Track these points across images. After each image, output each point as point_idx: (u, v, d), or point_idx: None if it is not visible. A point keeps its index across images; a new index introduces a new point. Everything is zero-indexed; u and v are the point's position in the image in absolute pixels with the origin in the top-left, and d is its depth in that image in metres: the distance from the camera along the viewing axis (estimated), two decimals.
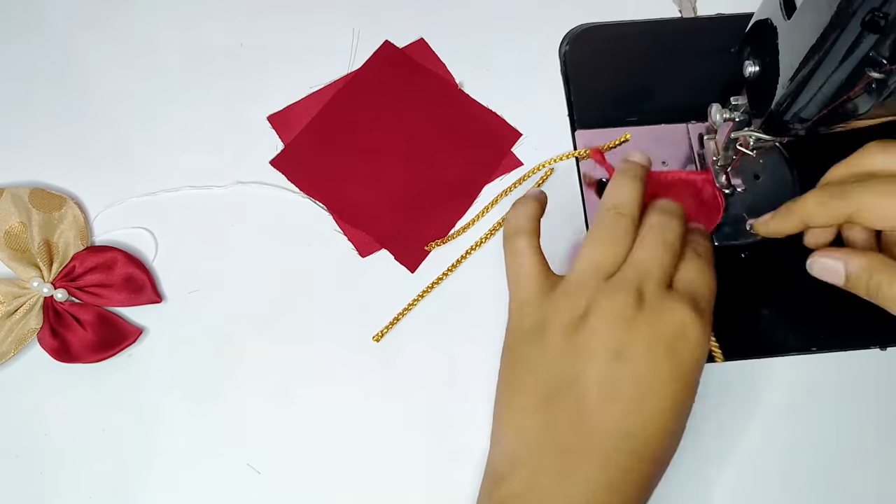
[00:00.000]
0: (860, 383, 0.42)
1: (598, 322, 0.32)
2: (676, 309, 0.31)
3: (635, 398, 0.31)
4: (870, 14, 0.28)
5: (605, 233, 0.34)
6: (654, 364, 0.31)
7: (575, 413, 0.31)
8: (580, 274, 0.34)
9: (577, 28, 0.49)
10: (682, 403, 0.31)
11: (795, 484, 0.40)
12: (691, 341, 0.31)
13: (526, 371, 0.33)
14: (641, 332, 0.31)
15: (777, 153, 0.45)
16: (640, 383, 0.31)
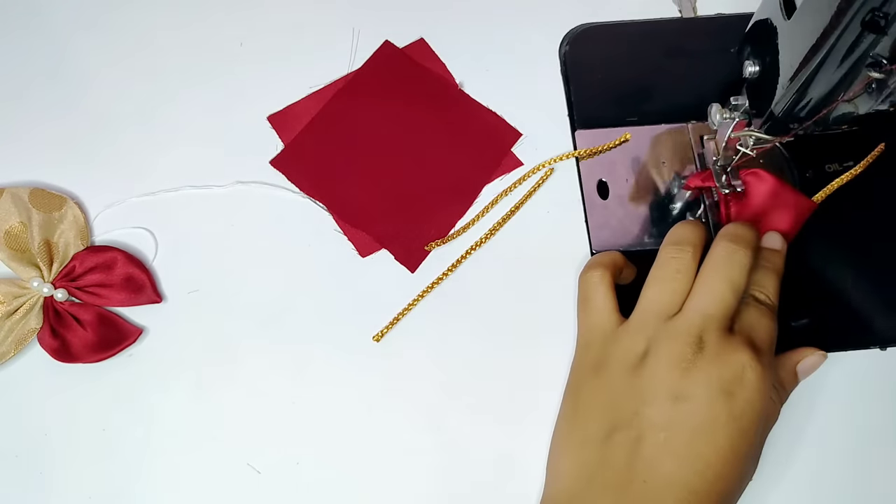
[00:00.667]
0: (860, 383, 0.42)
1: (658, 365, 0.32)
2: (736, 354, 0.32)
3: (691, 442, 0.31)
4: (870, 14, 0.28)
5: (665, 272, 0.35)
6: (711, 408, 0.31)
7: (632, 453, 0.31)
8: (642, 313, 0.34)
9: (577, 28, 0.49)
10: (739, 448, 0.31)
11: (795, 484, 0.40)
12: (749, 386, 0.31)
13: (585, 406, 0.34)
14: (699, 377, 0.31)
15: (777, 153, 0.45)
16: (697, 427, 0.31)
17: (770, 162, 0.45)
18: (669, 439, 0.31)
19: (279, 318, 0.43)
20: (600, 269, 0.37)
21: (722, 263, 0.34)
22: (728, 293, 0.33)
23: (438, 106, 0.47)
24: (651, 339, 0.33)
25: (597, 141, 0.46)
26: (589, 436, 0.33)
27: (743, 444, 0.31)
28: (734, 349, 0.32)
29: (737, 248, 0.34)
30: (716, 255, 0.35)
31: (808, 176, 0.45)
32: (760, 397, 0.32)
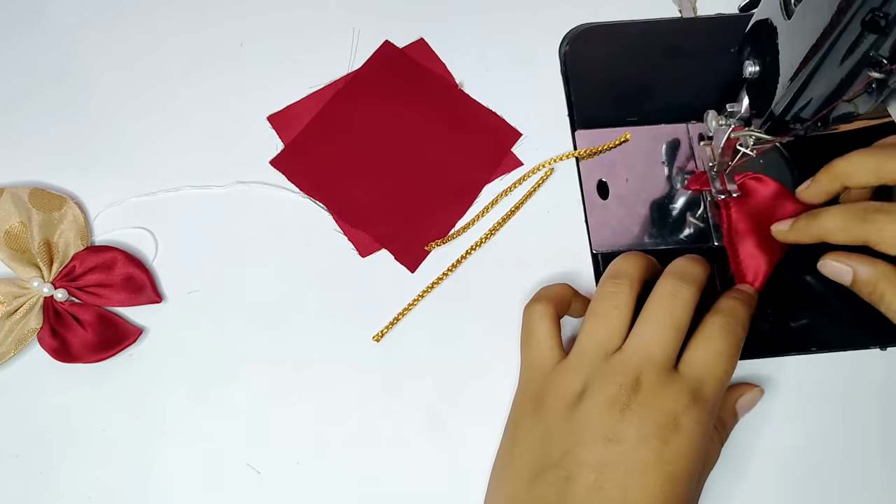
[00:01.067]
0: (860, 383, 0.42)
1: (592, 405, 0.31)
2: (673, 398, 0.31)
3: (621, 485, 0.30)
4: (870, 14, 0.28)
5: (602, 307, 0.34)
6: (642, 452, 0.30)
7: (561, 493, 0.31)
8: (580, 350, 0.34)
9: (577, 28, 0.49)
10: (670, 492, 0.30)
11: (795, 484, 0.40)
12: (684, 431, 0.31)
13: (522, 442, 0.34)
14: (633, 420, 0.31)
15: (777, 153, 0.45)
16: (627, 470, 0.30)
17: (770, 162, 0.45)
18: (599, 481, 0.30)
19: (279, 318, 0.43)
20: (543, 302, 0.36)
21: (665, 301, 0.33)
22: (670, 332, 0.32)
23: (438, 106, 0.47)
24: (588, 378, 0.32)
25: (597, 141, 0.46)
26: (521, 473, 0.33)
27: (674, 489, 0.30)
28: (672, 393, 0.31)
29: (681, 286, 0.33)
30: (660, 292, 0.34)
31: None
32: (694, 443, 0.31)
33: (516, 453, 0.34)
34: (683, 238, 0.44)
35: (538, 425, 0.33)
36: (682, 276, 0.34)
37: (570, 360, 0.34)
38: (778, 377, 0.42)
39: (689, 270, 0.35)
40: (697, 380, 0.32)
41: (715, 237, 0.44)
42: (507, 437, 0.35)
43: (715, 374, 0.33)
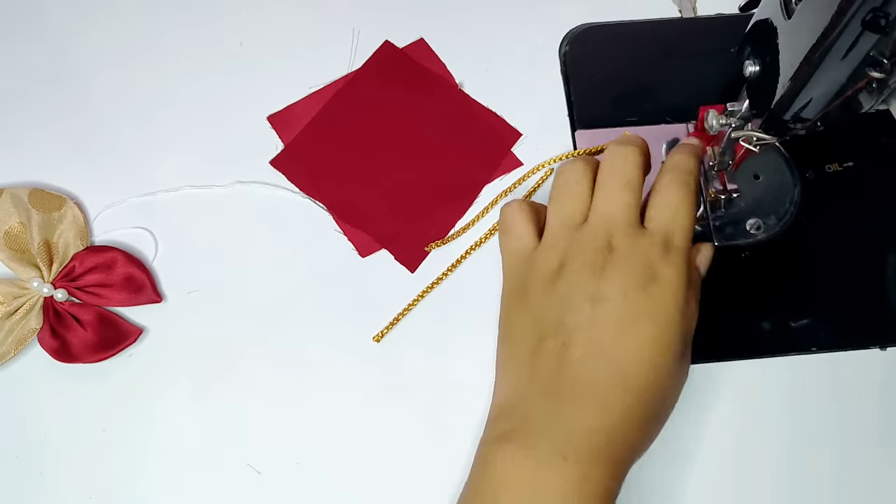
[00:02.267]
0: (860, 383, 0.42)
1: (572, 274, 0.33)
2: (646, 251, 0.32)
3: (616, 338, 0.32)
4: (870, 14, 0.28)
5: (563, 184, 0.36)
6: (628, 305, 0.32)
7: (560, 358, 0.32)
8: (551, 229, 0.35)
9: (577, 28, 0.49)
10: (661, 339, 0.32)
11: (795, 484, 0.40)
12: (663, 280, 0.32)
13: (516, 329, 0.35)
14: (614, 277, 0.32)
15: (777, 153, 0.45)
16: (619, 324, 0.32)
17: (770, 162, 0.45)
18: (594, 338, 0.32)
19: (279, 318, 0.43)
20: (519, 200, 0.38)
21: (615, 167, 0.35)
22: (627, 193, 0.34)
23: (438, 106, 0.47)
24: (563, 252, 0.34)
25: (596, 141, 0.46)
26: (520, 354, 0.34)
27: (664, 337, 0.32)
28: (644, 246, 0.33)
29: (627, 149, 0.35)
30: (608, 160, 0.35)
31: (808, 176, 0.45)
32: (674, 290, 0.33)
33: (511, 342, 0.35)
34: None
35: (527, 310, 0.34)
36: (625, 142, 0.36)
37: (545, 242, 0.35)
38: (778, 377, 0.42)
39: (630, 138, 0.36)
40: (664, 232, 0.34)
41: (715, 237, 0.44)
42: (501, 331, 0.37)
43: (679, 224, 0.34)
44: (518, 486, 0.31)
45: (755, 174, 0.45)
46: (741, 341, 0.42)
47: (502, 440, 0.32)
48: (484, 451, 0.33)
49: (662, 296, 0.32)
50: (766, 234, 0.44)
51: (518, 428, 0.32)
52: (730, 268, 0.43)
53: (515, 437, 0.32)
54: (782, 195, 0.44)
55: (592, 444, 0.31)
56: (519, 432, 0.32)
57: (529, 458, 0.31)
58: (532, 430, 0.32)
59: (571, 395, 0.32)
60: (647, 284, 0.32)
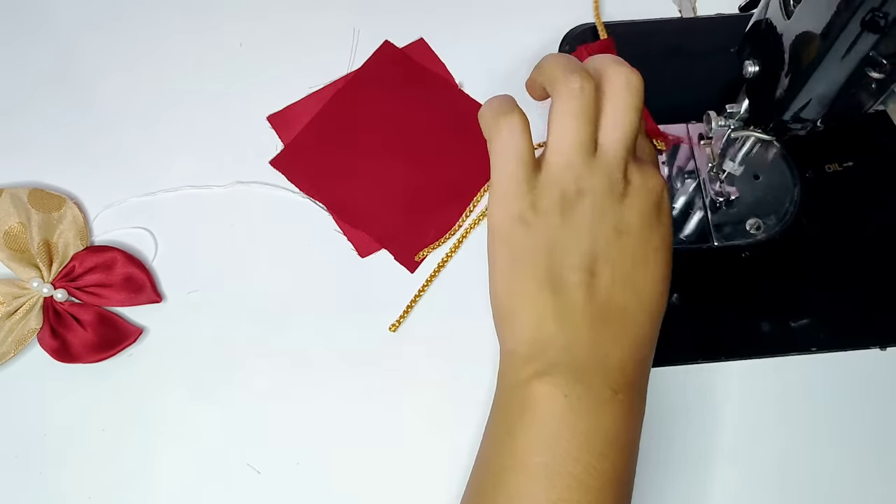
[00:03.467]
0: (860, 383, 0.42)
1: (594, 201, 0.32)
2: (653, 181, 0.33)
3: (639, 270, 0.32)
4: (870, 14, 0.28)
5: (576, 105, 0.33)
6: (649, 235, 0.32)
7: (590, 290, 0.32)
8: (564, 153, 0.33)
9: (577, 28, 0.49)
10: (670, 264, 0.33)
11: (795, 484, 0.40)
12: (666, 210, 0.33)
13: (528, 257, 0.33)
14: (634, 206, 0.32)
15: (777, 153, 0.45)
16: (640, 254, 0.32)
17: (770, 162, 0.45)
18: (621, 269, 0.32)
19: (279, 318, 0.43)
20: (517, 114, 0.34)
21: (626, 91, 0.33)
22: (637, 120, 0.33)
23: (438, 106, 0.47)
24: (581, 179, 0.32)
25: None
26: (542, 284, 0.32)
27: (670, 263, 0.33)
28: (651, 176, 0.33)
29: (632, 75, 0.33)
30: (614, 80, 0.33)
31: (808, 176, 0.45)
32: (670, 215, 0.34)
33: (524, 270, 0.33)
34: (683, 238, 0.44)
35: (539, 235, 0.32)
36: (626, 65, 0.34)
37: (556, 166, 0.33)
38: (778, 377, 0.42)
39: (625, 63, 0.34)
40: (647, 156, 0.35)
41: (715, 237, 0.44)
42: (504, 261, 0.34)
43: (647, 150, 0.35)
44: (574, 425, 0.30)
45: (755, 174, 0.45)
46: (741, 341, 0.42)
47: (545, 379, 0.31)
48: (522, 393, 0.31)
49: (668, 224, 0.33)
50: (766, 234, 0.44)
51: (561, 363, 0.31)
52: (730, 268, 0.43)
53: (561, 373, 0.31)
54: (782, 195, 0.44)
55: (633, 376, 0.31)
56: (564, 368, 0.31)
57: (586, 396, 0.30)
58: (580, 365, 0.31)
59: (608, 326, 0.31)
60: (658, 213, 0.33)
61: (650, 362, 0.33)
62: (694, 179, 0.45)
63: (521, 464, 0.30)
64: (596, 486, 0.30)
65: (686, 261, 0.44)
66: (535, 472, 0.30)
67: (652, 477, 0.40)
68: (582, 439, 0.30)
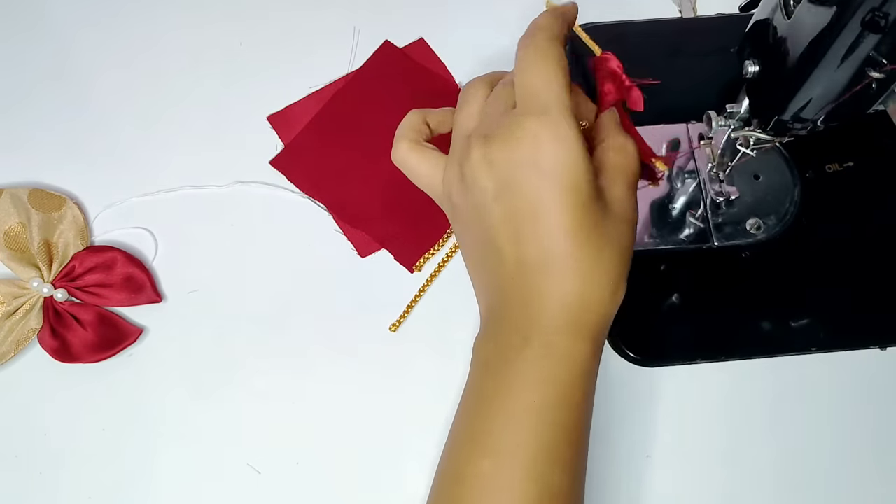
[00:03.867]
0: (860, 383, 0.42)
1: (471, 175, 0.32)
2: (519, 125, 0.30)
3: (531, 222, 0.30)
4: (870, 14, 0.28)
5: (462, 99, 0.36)
6: (525, 185, 0.30)
7: (498, 258, 0.31)
8: (452, 143, 0.35)
9: None
10: (579, 204, 0.30)
11: (795, 483, 0.40)
12: (547, 145, 0.30)
13: (462, 243, 0.35)
14: (502, 164, 0.31)
15: (777, 153, 0.45)
16: (526, 208, 0.30)
17: (770, 162, 0.45)
18: (514, 232, 0.31)
19: (279, 318, 0.43)
20: (406, 140, 0.37)
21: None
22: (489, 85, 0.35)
23: (438, 106, 0.47)
24: (461, 157, 0.33)
25: None
26: (473, 263, 0.34)
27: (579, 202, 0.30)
28: (516, 122, 0.31)
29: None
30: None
31: (809, 176, 0.45)
32: (567, 151, 0.30)
33: (464, 254, 0.35)
34: (683, 238, 0.44)
35: (460, 222, 0.34)
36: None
37: (450, 158, 0.35)
38: (778, 377, 0.42)
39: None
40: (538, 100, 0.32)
41: (715, 237, 0.44)
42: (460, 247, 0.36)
43: (543, 80, 0.32)
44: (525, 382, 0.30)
45: (755, 174, 0.45)
46: (741, 341, 0.42)
47: (491, 340, 0.32)
48: (492, 360, 0.32)
49: (555, 162, 0.30)
50: (766, 234, 0.44)
51: (501, 328, 0.31)
52: (730, 268, 0.43)
53: (500, 334, 0.31)
54: (782, 195, 0.44)
55: (568, 317, 0.30)
56: (501, 330, 0.31)
57: (522, 351, 0.30)
58: (510, 326, 0.31)
59: (517, 285, 0.31)
60: (535, 159, 0.30)
61: (603, 297, 0.31)
62: (694, 179, 0.45)
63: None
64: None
65: (686, 261, 0.44)
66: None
67: (652, 476, 0.40)
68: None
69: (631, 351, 0.42)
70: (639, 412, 0.41)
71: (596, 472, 0.40)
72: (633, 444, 0.41)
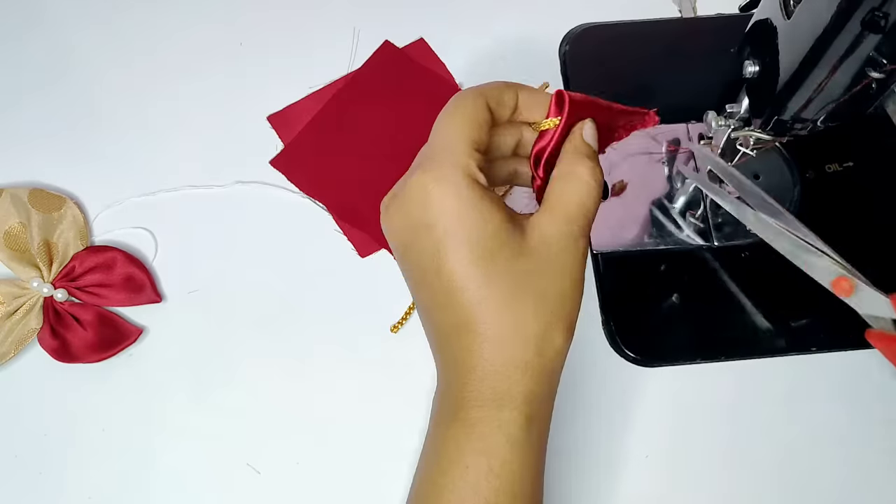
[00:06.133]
0: (860, 383, 0.42)
1: (386, 236, 0.30)
2: (412, 183, 0.29)
3: (436, 286, 0.28)
4: (870, 14, 0.28)
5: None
6: (421, 248, 0.28)
7: (424, 323, 0.30)
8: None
9: (577, 28, 0.49)
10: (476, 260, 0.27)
11: (795, 483, 0.40)
12: (435, 202, 0.28)
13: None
14: (399, 229, 0.29)
15: (777, 153, 0.45)
16: (430, 271, 0.28)
17: (770, 162, 0.45)
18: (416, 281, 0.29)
19: (279, 318, 0.43)
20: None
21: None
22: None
23: (438, 106, 0.47)
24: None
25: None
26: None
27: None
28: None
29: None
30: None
31: (808, 176, 0.45)
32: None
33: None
34: (683, 238, 0.44)
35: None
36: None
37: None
38: (778, 377, 0.42)
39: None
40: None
41: (715, 237, 0.44)
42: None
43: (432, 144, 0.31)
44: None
45: (755, 174, 0.45)
46: (741, 341, 0.42)
47: (435, 401, 0.30)
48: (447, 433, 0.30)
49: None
50: None
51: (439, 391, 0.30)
52: (730, 268, 0.43)
53: (439, 397, 0.30)
54: (782, 195, 0.44)
55: (486, 389, 0.28)
56: (440, 393, 0.30)
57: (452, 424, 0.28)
58: (442, 392, 0.30)
59: (447, 340, 0.29)
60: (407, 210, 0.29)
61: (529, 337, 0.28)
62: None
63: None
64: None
65: (686, 261, 0.44)
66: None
67: (651, 476, 0.40)
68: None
69: (631, 351, 0.42)
70: (639, 412, 0.41)
71: (595, 472, 0.40)
72: (632, 444, 0.41)
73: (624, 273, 0.43)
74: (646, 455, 0.40)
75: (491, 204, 0.28)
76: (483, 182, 0.28)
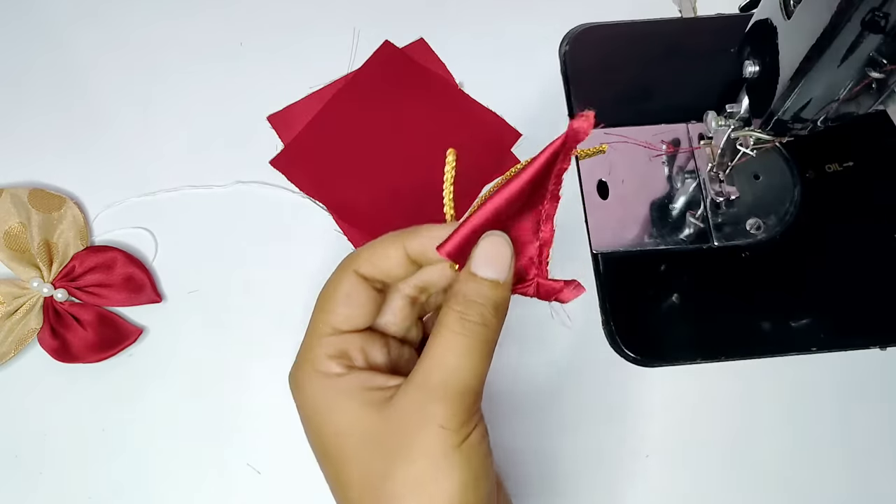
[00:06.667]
0: (860, 383, 0.42)
1: None
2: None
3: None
4: (870, 14, 0.28)
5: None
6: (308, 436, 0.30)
7: None
8: None
9: (577, 28, 0.49)
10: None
11: (795, 483, 0.40)
12: (296, 394, 0.29)
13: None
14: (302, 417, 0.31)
15: (777, 153, 0.45)
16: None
17: (770, 162, 0.45)
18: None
19: (279, 318, 0.43)
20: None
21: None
22: None
23: (438, 106, 0.47)
24: None
25: (596, 140, 0.46)
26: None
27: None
28: None
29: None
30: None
31: (808, 176, 0.45)
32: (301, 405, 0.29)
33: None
34: (683, 238, 0.44)
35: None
36: None
37: None
38: (778, 377, 0.42)
39: None
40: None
41: (715, 237, 0.44)
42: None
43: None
44: None
45: (755, 174, 0.45)
46: (741, 341, 0.42)
47: None
48: None
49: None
50: (766, 234, 0.44)
51: None
52: (730, 268, 0.43)
53: None
54: (782, 195, 0.44)
55: None
56: None
57: None
58: None
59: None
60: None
61: None
62: (694, 179, 0.45)
63: None
64: None
65: (686, 261, 0.44)
66: None
67: (652, 476, 0.40)
68: None
69: (631, 351, 0.42)
70: (639, 412, 0.41)
71: (595, 473, 0.40)
72: (632, 444, 0.41)
73: (624, 273, 0.43)
74: (646, 455, 0.40)
75: (337, 395, 0.28)
76: (335, 370, 0.28)
